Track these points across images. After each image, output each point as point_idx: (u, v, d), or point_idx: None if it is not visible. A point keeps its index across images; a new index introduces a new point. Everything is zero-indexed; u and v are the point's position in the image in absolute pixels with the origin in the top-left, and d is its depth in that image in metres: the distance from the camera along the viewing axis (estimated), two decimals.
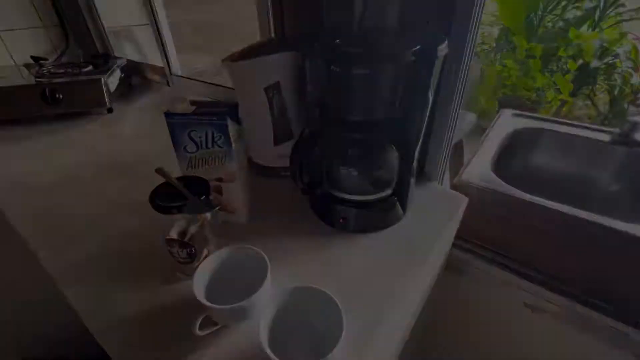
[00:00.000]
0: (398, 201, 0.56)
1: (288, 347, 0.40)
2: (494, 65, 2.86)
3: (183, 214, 0.42)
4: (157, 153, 0.83)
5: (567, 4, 2.63)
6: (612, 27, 2.47)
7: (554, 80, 2.37)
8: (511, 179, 0.70)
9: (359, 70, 0.41)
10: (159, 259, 0.51)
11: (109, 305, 0.45)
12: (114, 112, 1.10)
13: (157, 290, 0.47)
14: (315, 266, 0.50)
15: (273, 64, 0.60)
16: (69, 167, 0.78)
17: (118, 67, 1.18)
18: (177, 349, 0.39)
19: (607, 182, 0.86)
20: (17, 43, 1.24)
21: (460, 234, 0.73)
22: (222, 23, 2.59)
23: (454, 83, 0.56)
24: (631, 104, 2.16)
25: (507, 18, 2.58)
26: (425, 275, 0.51)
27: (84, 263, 0.52)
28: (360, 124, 0.50)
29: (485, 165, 0.75)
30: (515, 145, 0.93)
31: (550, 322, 0.67)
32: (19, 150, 0.87)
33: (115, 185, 0.71)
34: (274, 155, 0.70)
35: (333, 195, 0.56)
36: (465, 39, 0.52)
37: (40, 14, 1.27)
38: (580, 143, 0.87)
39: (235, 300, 0.38)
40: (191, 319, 0.38)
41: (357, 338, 0.40)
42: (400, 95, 0.45)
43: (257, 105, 0.64)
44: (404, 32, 0.49)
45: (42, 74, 1.06)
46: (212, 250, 0.47)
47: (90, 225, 0.60)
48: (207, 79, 1.20)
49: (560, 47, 2.43)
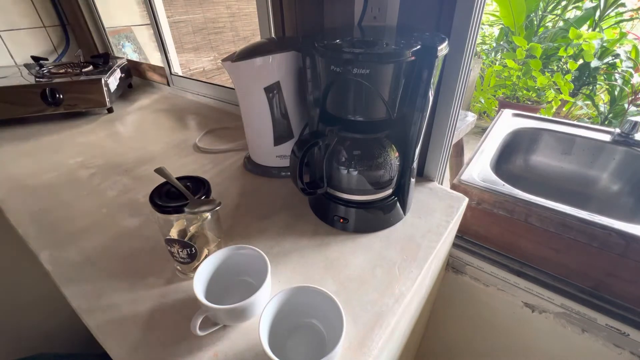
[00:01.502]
0: (398, 201, 0.56)
1: (288, 347, 0.40)
2: (494, 65, 2.86)
3: (183, 214, 0.42)
4: (157, 153, 0.84)
5: (567, 4, 2.64)
6: (612, 27, 2.47)
7: (554, 80, 2.37)
8: (511, 179, 0.70)
9: (359, 70, 0.41)
10: (159, 259, 0.51)
11: (109, 304, 0.45)
12: (114, 112, 1.10)
13: (157, 290, 0.47)
14: (315, 266, 0.50)
15: (273, 64, 0.60)
16: (69, 167, 0.78)
17: (118, 67, 1.18)
18: (177, 349, 0.39)
19: (607, 182, 0.86)
20: (18, 43, 1.24)
21: (460, 234, 0.73)
22: (222, 23, 2.59)
23: (454, 83, 0.56)
24: (631, 104, 2.16)
25: (507, 18, 2.59)
26: (425, 275, 0.51)
27: (84, 263, 0.52)
28: (360, 124, 0.50)
29: (485, 165, 0.75)
30: (515, 145, 0.93)
31: (550, 322, 0.67)
32: (19, 150, 0.87)
33: (115, 185, 0.71)
34: (274, 155, 0.70)
35: (333, 195, 0.56)
36: (465, 39, 0.52)
37: (40, 14, 1.28)
38: (580, 143, 0.87)
39: (235, 300, 0.38)
40: (191, 319, 0.38)
41: (357, 338, 0.40)
42: (400, 95, 0.45)
43: (257, 105, 0.64)
44: (404, 32, 0.49)
45: (43, 74, 1.06)
46: (212, 250, 0.47)
47: (90, 225, 0.60)
48: (207, 78, 1.20)
49: (560, 47, 2.43)
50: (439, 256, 0.58)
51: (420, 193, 0.65)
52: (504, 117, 0.98)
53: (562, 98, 2.37)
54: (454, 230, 0.64)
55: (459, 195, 0.64)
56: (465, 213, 0.69)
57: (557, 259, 0.63)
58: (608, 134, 0.85)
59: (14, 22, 1.22)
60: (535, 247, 0.64)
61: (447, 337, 0.92)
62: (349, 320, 0.42)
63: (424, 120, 0.48)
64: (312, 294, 0.39)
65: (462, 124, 1.15)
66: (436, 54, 0.41)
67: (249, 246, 0.44)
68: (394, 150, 0.51)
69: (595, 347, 0.63)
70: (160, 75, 1.30)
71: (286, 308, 0.39)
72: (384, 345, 0.41)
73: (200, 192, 0.44)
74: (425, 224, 0.57)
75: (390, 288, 0.46)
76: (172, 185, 0.45)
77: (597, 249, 0.58)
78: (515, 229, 0.65)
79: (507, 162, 0.94)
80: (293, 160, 0.49)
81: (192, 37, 2.41)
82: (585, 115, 2.53)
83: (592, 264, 0.60)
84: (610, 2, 2.43)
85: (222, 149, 0.84)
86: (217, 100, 1.12)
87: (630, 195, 0.81)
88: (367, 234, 0.56)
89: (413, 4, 0.54)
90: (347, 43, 0.44)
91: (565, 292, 0.63)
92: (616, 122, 2.29)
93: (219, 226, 0.49)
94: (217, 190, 0.68)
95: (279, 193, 0.66)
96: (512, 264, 0.67)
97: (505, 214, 0.65)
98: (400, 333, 0.53)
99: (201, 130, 0.94)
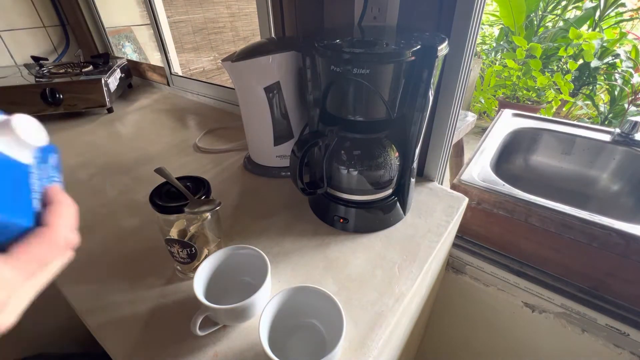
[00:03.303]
0: (398, 201, 0.56)
1: (288, 347, 0.40)
2: (494, 65, 2.86)
3: (183, 214, 0.42)
4: (157, 153, 0.84)
5: (567, 4, 2.64)
6: (612, 27, 2.47)
7: (554, 80, 2.37)
8: (511, 179, 0.70)
9: (359, 70, 0.41)
10: (159, 259, 0.51)
11: (109, 304, 0.45)
12: (114, 112, 1.10)
13: (157, 290, 0.47)
14: (315, 266, 0.50)
15: (273, 64, 0.60)
16: (69, 167, 0.78)
17: (118, 67, 1.18)
18: (177, 349, 0.39)
19: (607, 182, 0.86)
20: (18, 43, 1.24)
21: (460, 234, 0.73)
22: (222, 23, 2.59)
23: (454, 83, 0.56)
24: (631, 104, 2.16)
25: (507, 18, 2.59)
26: (425, 275, 0.51)
27: (84, 263, 0.52)
28: (360, 124, 0.50)
29: (485, 165, 0.75)
30: (515, 145, 0.93)
31: (550, 322, 0.67)
32: None
33: (115, 185, 0.71)
34: (274, 155, 0.70)
35: (333, 195, 0.56)
36: (465, 39, 0.52)
37: (40, 13, 1.28)
38: (580, 143, 0.87)
39: (235, 300, 0.38)
40: (191, 319, 0.38)
41: (357, 338, 0.40)
42: (400, 95, 0.45)
43: (257, 105, 0.64)
44: (404, 32, 0.49)
45: (43, 74, 1.06)
46: (212, 250, 0.47)
47: (90, 225, 0.60)
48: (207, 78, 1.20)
49: (560, 47, 2.43)
50: (439, 256, 0.58)
51: (420, 193, 0.65)
52: (504, 117, 0.98)
53: (562, 98, 2.37)
54: (454, 230, 0.64)
55: (459, 195, 0.64)
56: (465, 213, 0.69)
57: (557, 259, 0.63)
58: (608, 134, 0.85)
59: (14, 22, 1.22)
60: (535, 247, 0.64)
61: (447, 337, 0.92)
62: (349, 320, 0.42)
63: (424, 120, 0.48)
64: (312, 294, 0.39)
65: (462, 124, 1.15)
66: (436, 54, 0.41)
67: (249, 246, 0.44)
68: (394, 150, 0.51)
69: (595, 347, 0.63)
70: (160, 75, 1.30)
71: (286, 308, 0.39)
72: (384, 345, 0.41)
73: (200, 192, 0.44)
74: (425, 224, 0.57)
75: (390, 288, 0.46)
76: (172, 185, 0.45)
77: (597, 249, 0.58)
78: (516, 229, 0.65)
79: (507, 162, 0.94)
80: (293, 160, 0.49)
81: (192, 37, 2.41)
82: (585, 115, 2.53)
83: (592, 264, 0.60)
84: (610, 2, 2.43)
85: (222, 149, 0.84)
86: (217, 100, 1.12)
87: (630, 195, 0.81)
88: (367, 234, 0.56)
89: (413, 4, 0.54)
90: (347, 43, 0.44)
91: (565, 292, 0.63)
92: (616, 122, 2.29)
93: (219, 226, 0.49)
94: (217, 190, 0.68)
95: (279, 193, 0.66)
96: (512, 264, 0.68)
97: (505, 214, 0.65)
98: (400, 333, 0.53)
99: (201, 130, 0.94)
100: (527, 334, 0.73)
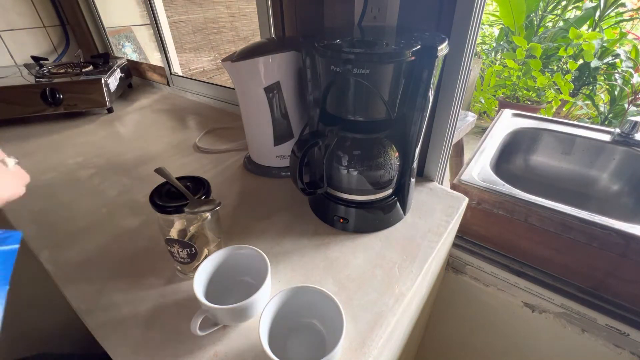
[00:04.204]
0: (398, 201, 0.56)
1: (288, 347, 0.40)
2: (494, 65, 2.86)
3: (183, 214, 0.42)
4: (157, 153, 0.84)
5: (567, 4, 2.64)
6: (612, 27, 2.47)
7: (554, 80, 2.38)
8: (511, 179, 0.70)
9: (359, 70, 0.41)
10: (159, 259, 0.51)
11: (109, 304, 0.45)
12: (114, 112, 1.10)
13: (157, 290, 0.47)
14: (315, 266, 0.50)
15: (273, 64, 0.60)
16: (69, 167, 0.78)
17: (118, 67, 1.18)
18: (177, 349, 0.39)
19: (607, 182, 0.86)
20: (18, 43, 1.25)
21: (460, 234, 0.73)
22: (222, 23, 2.59)
23: (454, 83, 0.56)
24: (631, 104, 2.16)
25: (507, 18, 2.59)
26: (425, 275, 0.51)
27: (84, 263, 0.52)
28: (360, 124, 0.50)
29: (485, 165, 0.75)
30: (515, 145, 0.93)
31: (550, 322, 0.67)
32: (19, 150, 0.87)
33: (115, 185, 0.71)
34: (274, 155, 0.70)
35: (333, 195, 0.56)
36: (465, 39, 0.52)
37: (40, 13, 1.28)
38: (580, 143, 0.87)
39: (235, 300, 0.38)
40: (191, 319, 0.38)
41: (357, 338, 0.40)
42: (400, 95, 0.45)
43: (257, 105, 0.64)
44: (404, 32, 0.49)
45: (43, 74, 1.06)
46: (212, 250, 0.47)
47: (90, 225, 0.60)
48: (207, 78, 1.20)
49: (560, 47, 2.43)
50: (439, 256, 0.58)
51: (420, 193, 0.65)
52: (504, 117, 0.98)
53: (562, 98, 2.37)
54: (454, 230, 0.64)
55: (459, 195, 0.64)
56: (465, 213, 0.69)
57: (557, 259, 0.63)
58: (608, 134, 0.85)
59: (14, 22, 1.22)
60: (535, 247, 0.64)
61: (447, 337, 0.92)
62: (349, 320, 0.42)
63: (424, 120, 0.48)
64: (312, 294, 0.39)
65: (462, 124, 1.15)
66: (436, 54, 0.41)
67: (249, 246, 0.44)
68: (394, 150, 0.51)
69: (595, 347, 0.63)
70: (160, 75, 1.30)
71: (286, 308, 0.39)
72: (384, 345, 0.41)
73: (200, 192, 0.44)
74: (425, 224, 0.57)
75: (390, 288, 0.46)
76: (172, 185, 0.45)
77: (597, 249, 0.58)
78: (515, 229, 0.65)
79: (507, 162, 0.94)
80: (293, 160, 0.49)
81: (192, 37, 2.41)
82: (585, 115, 2.53)
83: (592, 264, 0.60)
84: (610, 2, 2.43)
85: (222, 149, 0.84)
86: (217, 100, 1.12)
87: (630, 195, 0.81)
88: (367, 234, 0.56)
89: (413, 4, 0.54)
90: (347, 43, 0.44)
91: (565, 292, 0.63)
92: (616, 122, 2.29)
93: (219, 226, 0.49)
94: (217, 190, 0.68)
95: (279, 193, 0.66)
96: (512, 264, 0.68)
97: (505, 214, 0.65)
98: (400, 333, 0.53)
99: (201, 130, 0.94)
100: (527, 334, 0.73)
